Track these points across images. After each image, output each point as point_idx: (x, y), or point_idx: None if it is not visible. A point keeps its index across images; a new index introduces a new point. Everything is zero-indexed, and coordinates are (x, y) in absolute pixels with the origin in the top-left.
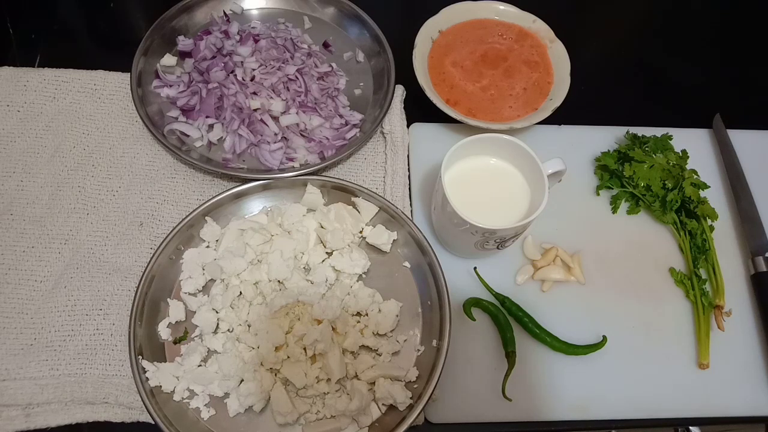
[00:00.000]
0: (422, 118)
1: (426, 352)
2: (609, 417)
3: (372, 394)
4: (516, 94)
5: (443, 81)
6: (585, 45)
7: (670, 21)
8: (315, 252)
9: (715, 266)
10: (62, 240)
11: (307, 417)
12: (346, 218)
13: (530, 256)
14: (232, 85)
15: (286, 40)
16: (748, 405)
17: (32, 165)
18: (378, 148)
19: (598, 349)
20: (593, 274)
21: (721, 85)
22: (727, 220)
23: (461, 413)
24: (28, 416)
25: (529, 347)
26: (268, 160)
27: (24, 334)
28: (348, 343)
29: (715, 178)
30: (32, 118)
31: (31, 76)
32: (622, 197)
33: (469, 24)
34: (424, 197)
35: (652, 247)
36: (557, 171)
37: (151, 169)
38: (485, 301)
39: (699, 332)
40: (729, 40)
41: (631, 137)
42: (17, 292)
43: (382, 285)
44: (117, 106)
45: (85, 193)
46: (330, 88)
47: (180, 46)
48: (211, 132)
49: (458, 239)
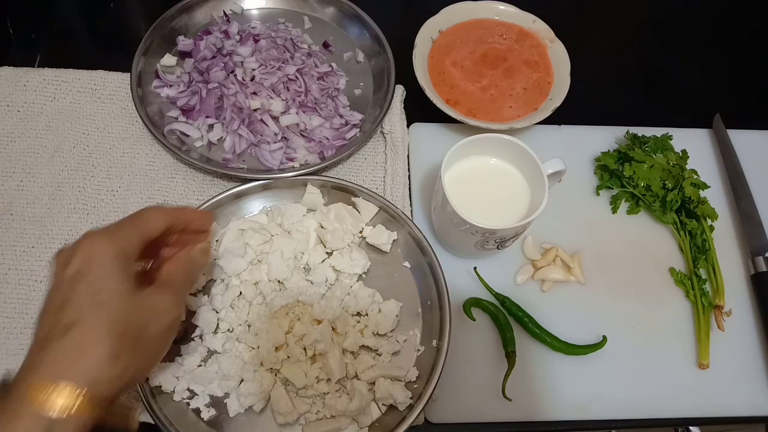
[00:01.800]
0: (422, 118)
1: (426, 352)
2: (609, 417)
3: (372, 394)
4: (516, 94)
5: (443, 81)
6: (585, 45)
7: (670, 21)
8: (315, 252)
9: (715, 266)
10: (62, 240)
11: (307, 417)
12: (346, 218)
13: (530, 256)
14: (232, 85)
15: (286, 40)
16: (748, 405)
17: (32, 165)
18: (378, 148)
19: (598, 349)
20: (593, 274)
21: (721, 85)
22: (727, 220)
23: (461, 413)
24: None
25: (529, 347)
26: (268, 160)
27: (24, 334)
28: (348, 343)
29: (715, 178)
30: (32, 118)
31: (31, 76)
32: (622, 197)
33: (469, 24)
34: (424, 197)
35: (652, 247)
36: (557, 171)
37: (151, 169)
38: (485, 301)
39: (699, 332)
40: (729, 40)
41: (631, 137)
42: (17, 292)
43: (382, 285)
44: (117, 106)
45: (85, 193)
46: (330, 88)
47: (180, 46)
48: (211, 132)
49: (458, 239)
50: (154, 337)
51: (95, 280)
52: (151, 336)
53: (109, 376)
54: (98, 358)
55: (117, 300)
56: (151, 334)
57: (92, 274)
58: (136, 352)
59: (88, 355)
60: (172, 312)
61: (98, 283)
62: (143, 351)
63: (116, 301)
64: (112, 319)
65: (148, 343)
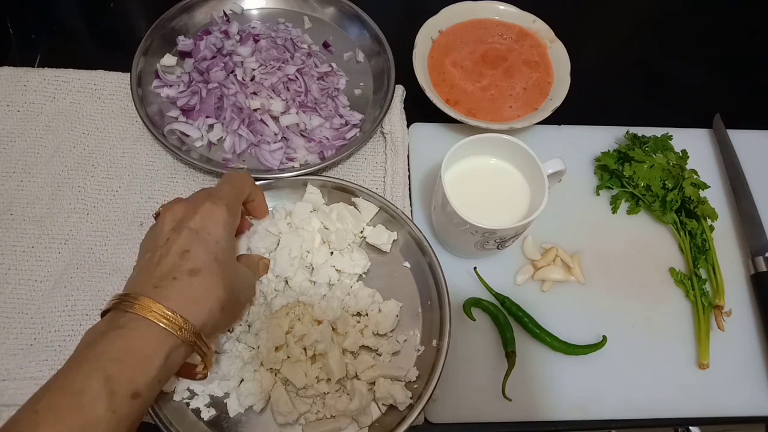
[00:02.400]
0: (422, 118)
1: (426, 352)
2: (609, 417)
3: (372, 394)
4: (516, 94)
5: (443, 81)
6: (585, 45)
7: (670, 21)
8: (319, 252)
9: (715, 266)
10: (62, 240)
11: (307, 417)
12: (348, 218)
13: (530, 256)
14: (232, 85)
15: (286, 40)
16: (748, 405)
17: (32, 165)
18: (378, 148)
19: (598, 349)
20: (593, 274)
21: (721, 85)
22: (727, 220)
23: (461, 413)
24: None
25: (529, 347)
26: (268, 160)
27: (24, 334)
28: (348, 343)
29: (715, 178)
30: (32, 118)
31: (31, 76)
32: (622, 197)
33: (469, 24)
34: (424, 197)
35: (652, 247)
36: (557, 171)
37: (151, 169)
38: (485, 301)
39: (699, 332)
40: (729, 40)
41: (631, 137)
42: (17, 292)
43: (382, 285)
44: (117, 106)
45: (85, 193)
46: (330, 88)
47: (180, 46)
48: (211, 132)
49: (458, 239)
50: (240, 304)
51: (215, 241)
52: (240, 302)
53: (214, 322)
54: (213, 307)
55: (231, 263)
56: (240, 300)
57: (212, 236)
58: (230, 312)
59: (208, 300)
60: (253, 289)
61: (217, 245)
62: (232, 313)
63: (230, 263)
64: (228, 278)
65: (237, 307)
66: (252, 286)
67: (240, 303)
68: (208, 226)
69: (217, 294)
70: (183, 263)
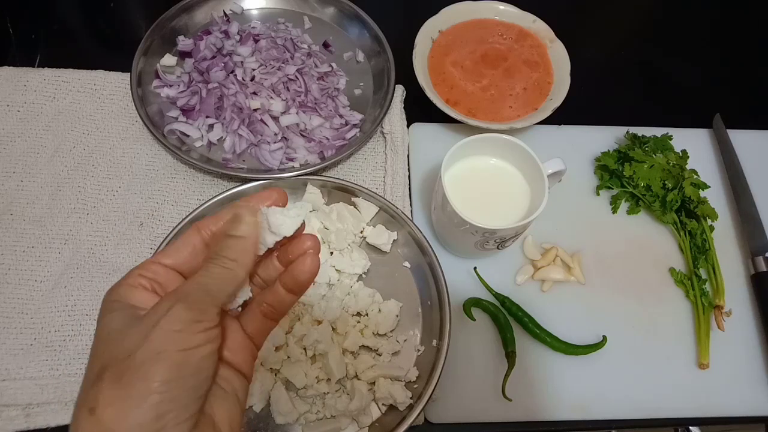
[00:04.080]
0: (422, 118)
1: (426, 352)
2: (609, 417)
3: (372, 394)
4: (516, 94)
5: (443, 81)
6: (585, 45)
7: (670, 21)
8: (321, 252)
9: (715, 266)
10: (62, 240)
11: (307, 417)
12: (348, 218)
13: (530, 256)
14: (232, 85)
15: (286, 40)
16: (748, 405)
17: (32, 165)
18: (378, 148)
19: (598, 349)
20: (593, 274)
21: (721, 85)
22: (727, 220)
23: (461, 413)
24: (28, 416)
25: (529, 347)
26: (268, 160)
27: (24, 334)
28: (348, 343)
29: (715, 178)
30: (32, 118)
31: (31, 76)
32: (622, 197)
33: (469, 24)
34: (424, 197)
35: (652, 247)
36: (557, 171)
37: (151, 169)
38: (485, 301)
39: (699, 332)
40: (729, 40)
41: (631, 137)
42: (17, 292)
43: (382, 285)
44: (117, 106)
45: (85, 193)
46: (330, 88)
47: (180, 46)
48: (211, 132)
49: (458, 239)
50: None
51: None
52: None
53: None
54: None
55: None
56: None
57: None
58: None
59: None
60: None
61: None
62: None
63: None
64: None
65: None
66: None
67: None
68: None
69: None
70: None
